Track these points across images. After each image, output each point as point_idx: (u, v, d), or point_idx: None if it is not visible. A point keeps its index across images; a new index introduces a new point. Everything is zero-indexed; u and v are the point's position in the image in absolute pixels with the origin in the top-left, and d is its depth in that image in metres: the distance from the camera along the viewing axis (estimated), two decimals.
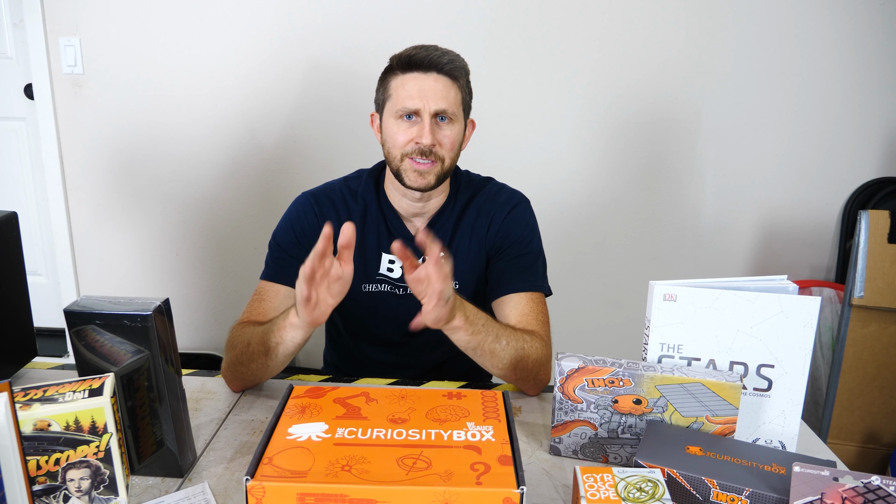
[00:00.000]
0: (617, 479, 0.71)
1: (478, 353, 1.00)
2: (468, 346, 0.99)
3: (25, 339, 1.11)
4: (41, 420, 0.71)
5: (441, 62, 1.08)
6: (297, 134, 2.20)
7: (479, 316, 0.99)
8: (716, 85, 2.11)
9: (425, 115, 1.07)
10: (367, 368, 1.28)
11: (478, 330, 0.98)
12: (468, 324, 0.96)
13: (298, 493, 0.66)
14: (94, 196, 2.31)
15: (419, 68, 1.08)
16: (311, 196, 1.20)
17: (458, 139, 1.12)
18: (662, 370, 0.86)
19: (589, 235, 2.25)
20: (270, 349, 0.98)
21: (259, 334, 1.00)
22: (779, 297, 0.86)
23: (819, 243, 2.23)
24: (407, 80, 1.08)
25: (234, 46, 2.14)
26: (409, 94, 1.08)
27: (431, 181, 1.10)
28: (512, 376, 1.04)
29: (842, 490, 0.68)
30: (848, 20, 2.04)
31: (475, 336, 0.98)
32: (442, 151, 1.10)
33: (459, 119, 1.12)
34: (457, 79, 1.10)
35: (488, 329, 0.99)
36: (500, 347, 1.00)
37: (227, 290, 2.37)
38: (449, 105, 1.08)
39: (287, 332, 0.95)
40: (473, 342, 0.98)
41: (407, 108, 1.08)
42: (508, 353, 1.01)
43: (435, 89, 1.07)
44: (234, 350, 1.04)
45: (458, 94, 1.11)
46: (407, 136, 1.09)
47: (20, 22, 2.30)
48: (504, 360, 1.01)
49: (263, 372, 1.03)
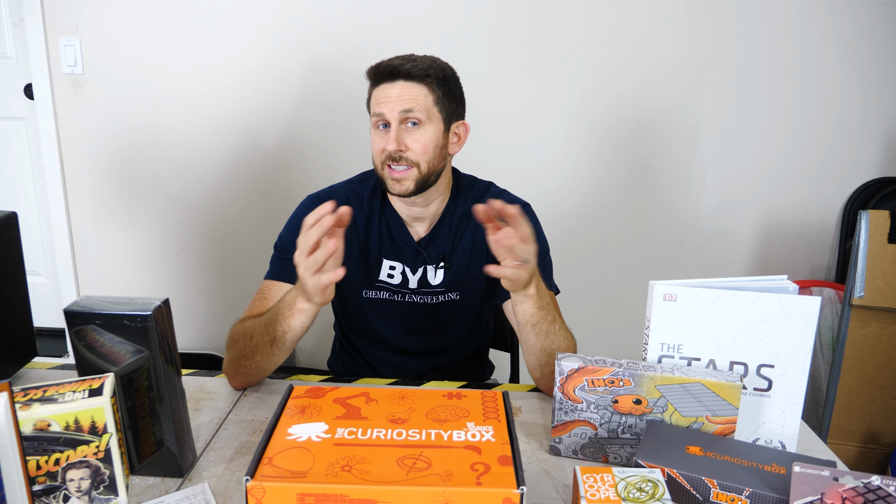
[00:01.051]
0: (617, 479, 0.71)
1: (535, 331, 1.01)
2: (530, 320, 1.00)
3: (25, 339, 1.11)
4: (41, 420, 0.71)
5: (404, 68, 1.09)
6: (297, 134, 2.20)
7: (546, 294, 1.01)
8: (716, 85, 2.11)
9: (392, 122, 1.09)
10: (377, 371, 1.28)
11: (543, 305, 0.99)
12: (539, 296, 0.98)
13: (298, 494, 0.66)
14: (94, 196, 2.31)
15: (386, 78, 1.10)
16: (317, 199, 1.20)
17: (431, 142, 1.11)
18: (662, 370, 0.86)
19: (589, 235, 2.25)
20: (276, 338, 0.99)
21: (261, 325, 1.01)
22: (779, 297, 0.86)
23: (819, 243, 2.23)
24: (377, 91, 1.11)
25: (235, 46, 2.14)
26: (376, 102, 1.11)
27: (410, 187, 1.11)
28: (547, 369, 1.04)
29: (842, 490, 0.68)
30: (848, 20, 2.04)
31: (540, 311, 0.99)
32: (413, 156, 1.10)
33: (433, 121, 1.11)
34: (425, 82, 1.10)
35: (549, 309, 1.01)
36: (553, 330, 1.01)
37: (227, 290, 2.37)
38: (414, 106, 1.09)
39: (296, 319, 0.96)
40: (537, 316, 0.99)
41: (378, 117, 1.11)
42: (556, 340, 1.02)
43: (399, 95, 1.09)
44: (237, 345, 1.04)
45: (428, 95, 1.10)
46: (380, 145, 1.11)
47: (20, 22, 2.30)
48: (551, 346, 1.02)
49: (268, 362, 1.03)
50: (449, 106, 1.14)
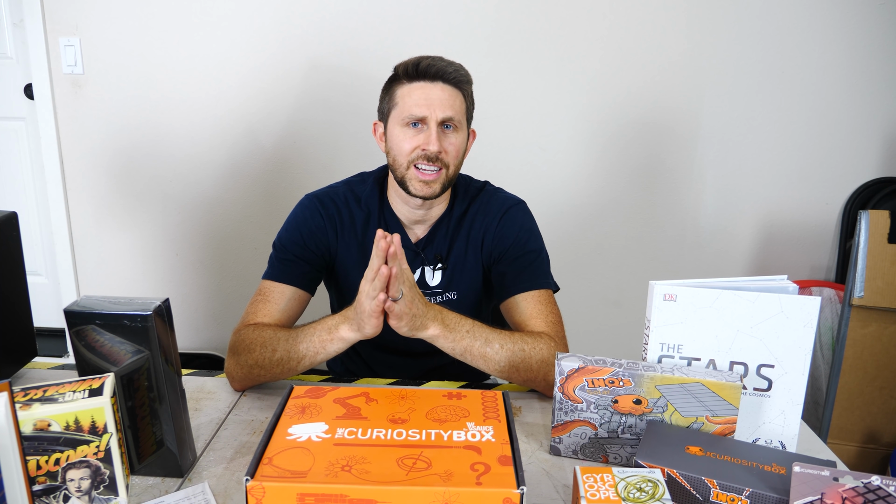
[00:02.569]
0: (617, 479, 0.71)
1: (467, 358, 1.01)
2: (454, 353, 1.00)
3: (25, 339, 1.11)
4: (41, 420, 0.71)
5: (447, 71, 1.10)
6: (297, 134, 2.20)
7: (463, 322, 1.00)
8: (716, 85, 2.11)
9: (432, 123, 1.09)
10: (376, 373, 1.28)
11: (461, 337, 0.99)
12: (448, 331, 0.97)
13: (298, 494, 0.66)
14: (94, 196, 2.31)
15: (425, 77, 1.10)
16: (315, 199, 1.20)
17: (462, 147, 1.14)
18: (662, 370, 0.86)
19: (589, 236, 2.25)
20: (305, 357, 0.99)
21: (286, 341, 1.00)
22: (779, 297, 0.86)
23: (819, 243, 2.23)
24: (413, 89, 1.10)
25: (235, 47, 2.14)
26: (415, 103, 1.09)
27: (437, 189, 1.11)
28: (517, 378, 1.04)
29: (842, 490, 0.68)
30: (848, 20, 2.04)
31: (458, 343, 0.99)
32: (447, 158, 1.11)
33: (464, 128, 1.14)
34: (461, 88, 1.12)
35: (475, 334, 1.00)
36: (492, 351, 1.00)
37: (227, 290, 2.37)
38: (455, 113, 1.10)
39: (333, 345, 0.98)
40: (458, 348, 0.99)
41: (414, 115, 1.09)
42: (504, 357, 1.01)
43: (441, 98, 1.09)
44: (252, 354, 1.02)
45: (462, 103, 1.13)
46: (413, 144, 1.10)
47: (20, 22, 2.30)
48: (500, 364, 1.01)
49: (286, 376, 1.03)
50: (471, 113, 1.18)
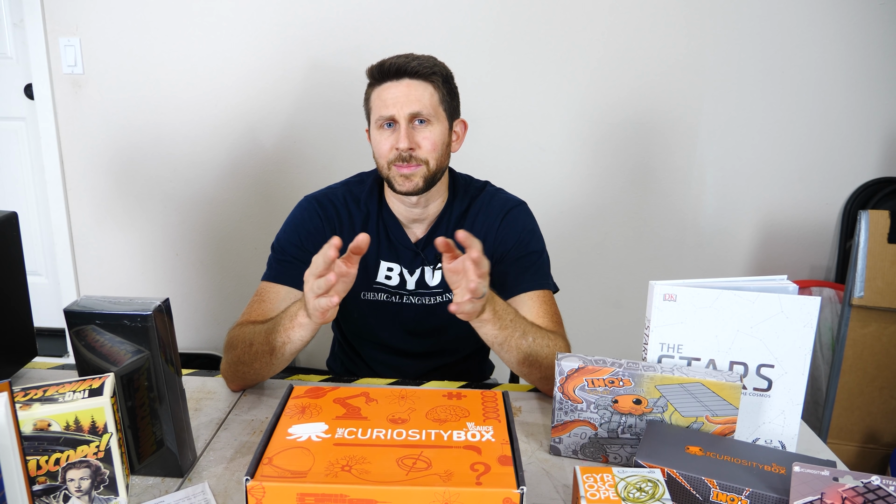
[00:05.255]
0: (617, 479, 0.71)
1: (504, 349, 1.00)
2: (495, 341, 0.99)
3: (25, 339, 1.11)
4: (41, 420, 0.71)
5: (409, 67, 1.09)
6: (296, 134, 2.20)
7: (508, 311, 0.99)
8: (716, 85, 2.11)
9: (401, 121, 1.09)
10: (376, 373, 1.28)
11: (506, 325, 0.98)
12: (496, 318, 0.96)
13: (298, 494, 0.66)
14: (94, 196, 2.31)
15: (388, 77, 1.10)
16: (314, 200, 1.20)
17: (439, 140, 1.12)
18: (662, 370, 0.86)
19: (589, 236, 2.25)
20: (276, 348, 0.98)
21: (262, 333, 1.00)
22: (779, 297, 0.86)
23: (819, 243, 2.23)
24: (381, 91, 1.11)
25: (235, 47, 2.14)
26: (383, 103, 1.10)
27: (419, 184, 1.11)
28: (536, 374, 1.04)
29: (842, 490, 0.68)
30: (848, 20, 2.04)
31: (503, 331, 0.98)
32: (423, 154, 1.10)
33: (439, 120, 1.13)
34: (430, 80, 1.11)
35: (516, 325, 1.00)
36: (525, 344, 1.00)
37: (227, 290, 2.37)
38: (423, 107, 1.09)
39: (295, 332, 0.96)
40: (501, 337, 0.98)
41: (383, 116, 1.10)
42: (534, 351, 1.01)
43: (407, 94, 1.09)
44: (235, 350, 1.03)
45: (433, 94, 1.11)
46: (388, 144, 1.11)
47: (20, 22, 2.30)
48: (530, 358, 1.01)
49: (267, 370, 1.03)
50: (451, 104, 1.16)
